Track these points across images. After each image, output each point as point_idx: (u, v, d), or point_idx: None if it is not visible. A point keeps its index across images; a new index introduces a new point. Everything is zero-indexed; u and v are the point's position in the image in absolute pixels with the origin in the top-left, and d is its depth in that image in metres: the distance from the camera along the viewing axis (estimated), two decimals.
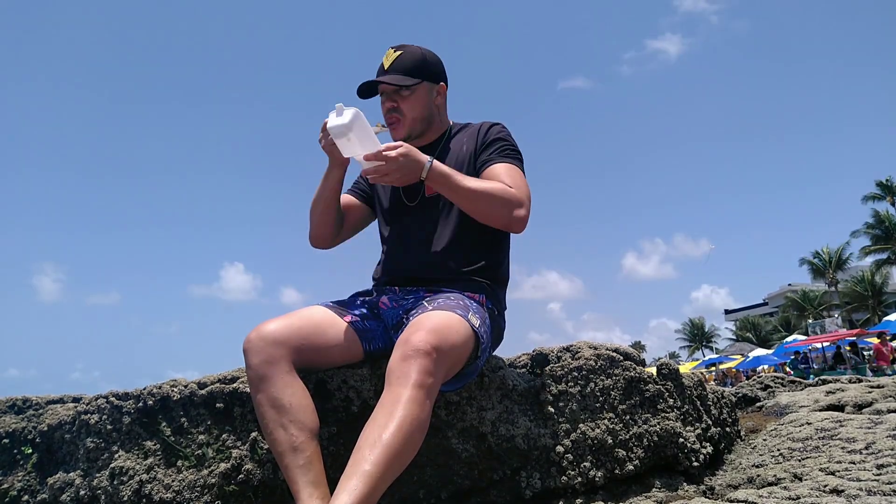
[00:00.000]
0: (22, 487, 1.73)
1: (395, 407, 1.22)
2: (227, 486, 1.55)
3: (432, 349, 1.28)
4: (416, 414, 1.22)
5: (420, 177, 1.51)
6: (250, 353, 1.43)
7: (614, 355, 1.76)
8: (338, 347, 1.55)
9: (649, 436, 1.69)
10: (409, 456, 1.23)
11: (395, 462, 1.18)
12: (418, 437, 1.24)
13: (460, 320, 1.44)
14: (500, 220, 1.61)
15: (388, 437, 1.18)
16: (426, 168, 1.50)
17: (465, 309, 1.50)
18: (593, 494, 1.61)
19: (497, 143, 1.72)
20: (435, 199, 1.73)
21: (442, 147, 1.79)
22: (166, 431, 1.63)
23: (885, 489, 1.28)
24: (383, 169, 1.47)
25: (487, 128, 1.76)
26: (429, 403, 1.26)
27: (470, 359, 1.49)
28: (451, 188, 1.55)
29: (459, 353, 1.41)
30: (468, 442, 1.59)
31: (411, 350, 1.28)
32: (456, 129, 1.83)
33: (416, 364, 1.26)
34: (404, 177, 1.50)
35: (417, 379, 1.25)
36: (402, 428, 1.19)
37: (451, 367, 1.38)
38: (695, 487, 1.70)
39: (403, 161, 1.47)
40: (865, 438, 1.70)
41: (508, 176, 1.64)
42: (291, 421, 1.37)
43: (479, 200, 1.57)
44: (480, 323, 1.51)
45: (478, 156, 1.72)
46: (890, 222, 30.89)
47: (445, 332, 1.36)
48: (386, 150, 1.47)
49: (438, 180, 1.53)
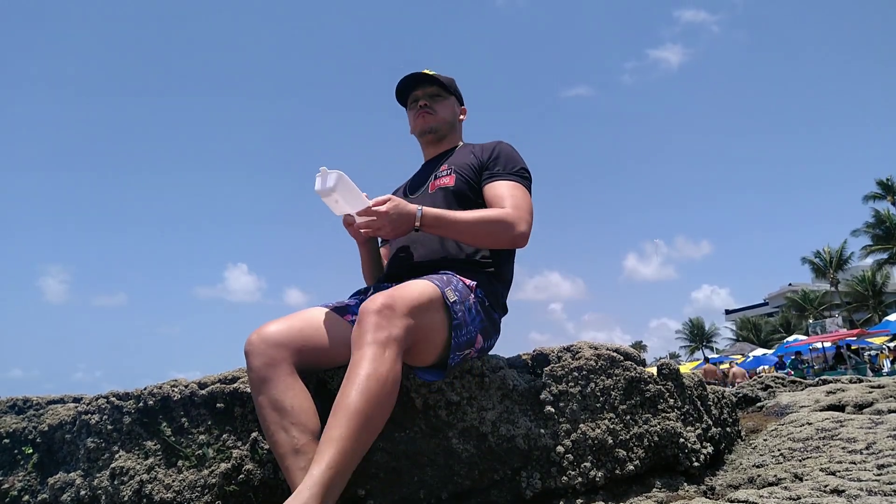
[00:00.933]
0: (23, 487, 1.74)
1: (353, 370, 1.26)
2: (228, 486, 1.55)
3: (382, 306, 1.32)
4: (373, 369, 1.24)
5: (414, 226, 1.56)
6: (252, 355, 1.43)
7: (615, 355, 1.76)
8: (339, 348, 1.55)
9: (650, 436, 1.69)
10: (376, 412, 1.24)
11: (361, 422, 1.20)
12: (382, 390, 1.25)
13: (427, 283, 1.48)
14: (503, 243, 1.71)
15: (349, 400, 1.21)
16: (417, 217, 1.55)
17: (445, 283, 1.53)
18: (594, 494, 1.61)
19: (503, 159, 1.81)
20: (437, 193, 1.77)
21: (455, 153, 1.92)
22: (167, 431, 1.63)
23: (885, 489, 1.28)
24: (375, 224, 1.53)
25: (496, 144, 1.87)
26: (389, 355, 1.28)
27: (448, 341, 1.49)
28: (447, 226, 1.60)
29: (426, 316, 1.42)
30: (469, 442, 1.59)
31: (362, 313, 1.32)
32: (467, 144, 1.97)
33: (366, 323, 1.30)
34: (397, 228, 1.55)
35: (370, 337, 1.28)
36: (363, 386, 1.22)
37: (418, 327, 1.38)
38: (695, 487, 1.70)
39: (394, 214, 1.52)
40: (866, 438, 1.70)
41: (510, 194, 1.71)
42: (293, 423, 1.37)
43: (478, 231, 1.64)
44: (458, 301, 1.53)
45: (485, 166, 1.80)
46: (891, 222, 30.86)
47: (403, 291, 1.39)
48: (375, 205, 1.52)
49: (433, 223, 1.58)
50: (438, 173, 1.86)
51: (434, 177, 1.86)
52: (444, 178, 1.83)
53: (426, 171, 1.95)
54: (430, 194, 1.82)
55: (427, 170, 1.95)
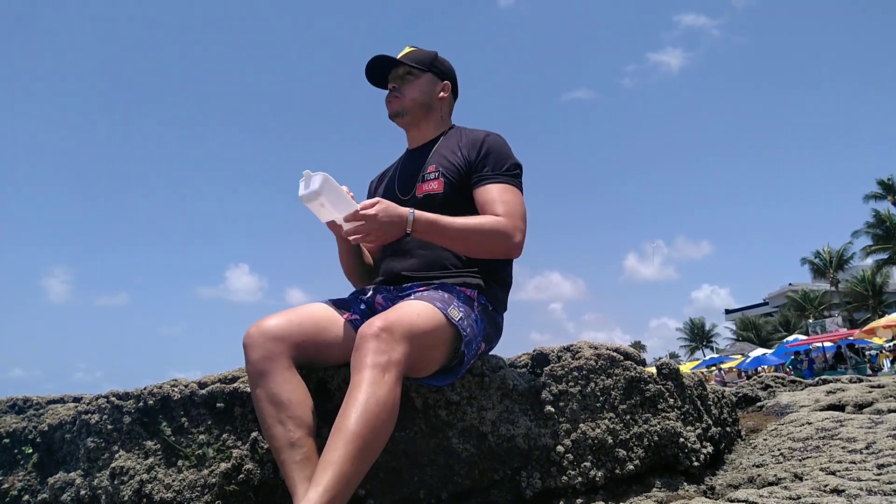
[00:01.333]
0: (23, 487, 1.74)
1: (352, 394, 1.24)
2: (228, 486, 1.55)
3: (380, 331, 1.30)
4: (371, 393, 1.23)
5: (405, 230, 1.49)
6: (250, 348, 1.43)
7: (615, 355, 1.76)
8: (337, 345, 1.55)
9: (650, 436, 1.69)
10: (375, 436, 1.23)
11: (360, 445, 1.19)
12: (381, 414, 1.23)
13: (427, 306, 1.45)
14: (497, 254, 1.66)
15: (348, 423, 1.20)
16: (409, 221, 1.49)
17: (446, 302, 1.51)
18: (594, 494, 1.61)
19: (493, 157, 1.72)
20: (425, 196, 1.74)
21: (441, 143, 1.83)
22: (167, 431, 1.63)
23: (885, 489, 1.28)
24: (363, 228, 1.45)
25: (484, 138, 1.76)
26: (388, 379, 1.26)
27: (454, 352, 1.49)
28: (440, 232, 1.55)
29: (426, 339, 1.40)
30: (468, 442, 1.59)
31: (360, 338, 1.31)
32: (455, 130, 1.87)
33: (366, 348, 1.28)
34: (387, 233, 1.48)
35: (370, 360, 1.26)
36: (361, 410, 1.21)
37: (418, 349, 1.37)
38: (695, 487, 1.70)
39: (383, 217, 1.45)
40: (866, 438, 1.70)
41: (502, 199, 1.65)
42: (290, 417, 1.37)
43: (471, 240, 1.59)
44: (463, 317, 1.51)
45: (474, 168, 1.72)
46: (891, 222, 30.87)
47: (402, 315, 1.37)
48: (363, 208, 1.45)
49: (425, 229, 1.52)
50: (426, 174, 1.77)
51: (422, 178, 1.77)
52: (431, 183, 1.74)
53: (411, 165, 1.84)
54: (417, 198, 1.74)
55: (412, 163, 1.84)
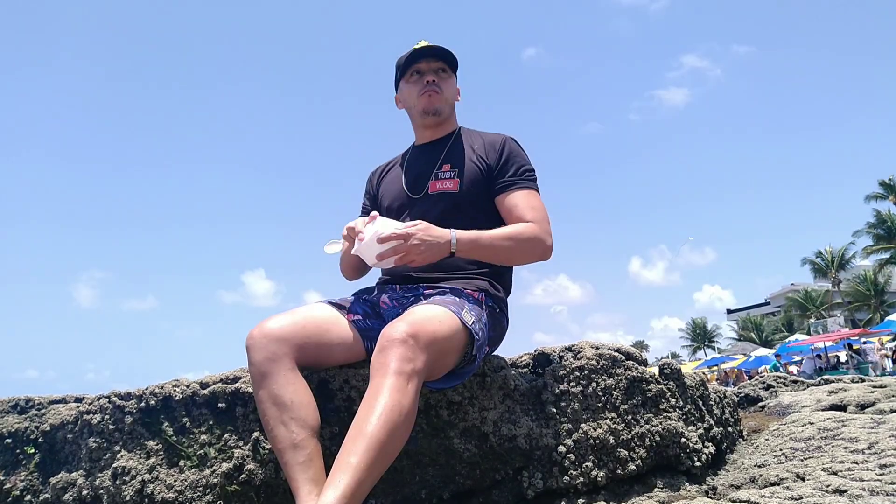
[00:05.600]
0: (24, 487, 1.74)
1: (375, 397, 1.23)
2: (230, 486, 1.55)
3: (407, 336, 1.29)
4: (396, 401, 1.22)
5: (450, 250, 1.51)
6: (253, 349, 1.43)
7: (616, 355, 1.76)
8: (340, 346, 1.55)
9: (651, 436, 1.69)
10: (395, 444, 1.23)
11: (380, 452, 1.18)
12: (403, 424, 1.23)
13: (447, 312, 1.44)
14: (533, 259, 1.69)
15: (370, 428, 1.19)
16: (453, 244, 1.51)
17: (459, 305, 1.50)
18: (595, 494, 1.61)
19: (515, 162, 1.76)
20: (438, 198, 1.74)
21: (454, 142, 1.84)
22: (168, 431, 1.63)
23: (887, 489, 1.28)
24: (404, 248, 1.45)
25: (504, 141, 1.80)
26: (411, 389, 1.26)
27: (464, 355, 1.49)
28: (482, 248, 1.58)
29: (445, 346, 1.39)
30: (470, 442, 1.59)
31: (387, 340, 1.29)
32: (465, 131, 1.90)
33: (392, 353, 1.27)
34: (434, 255, 1.49)
35: (395, 366, 1.25)
36: (385, 417, 1.20)
37: (437, 357, 1.37)
38: (697, 487, 1.70)
39: (428, 240, 1.47)
40: (868, 438, 1.70)
41: (528, 205, 1.69)
42: (292, 418, 1.37)
43: (513, 250, 1.63)
44: (475, 320, 1.51)
45: (495, 174, 1.75)
46: (892, 222, 30.81)
47: (426, 322, 1.36)
48: (401, 236, 1.44)
49: (468, 248, 1.55)
50: (440, 173, 1.77)
51: (435, 175, 1.77)
52: (446, 182, 1.75)
53: (423, 161, 1.84)
54: (430, 196, 1.75)
55: (424, 159, 1.85)
